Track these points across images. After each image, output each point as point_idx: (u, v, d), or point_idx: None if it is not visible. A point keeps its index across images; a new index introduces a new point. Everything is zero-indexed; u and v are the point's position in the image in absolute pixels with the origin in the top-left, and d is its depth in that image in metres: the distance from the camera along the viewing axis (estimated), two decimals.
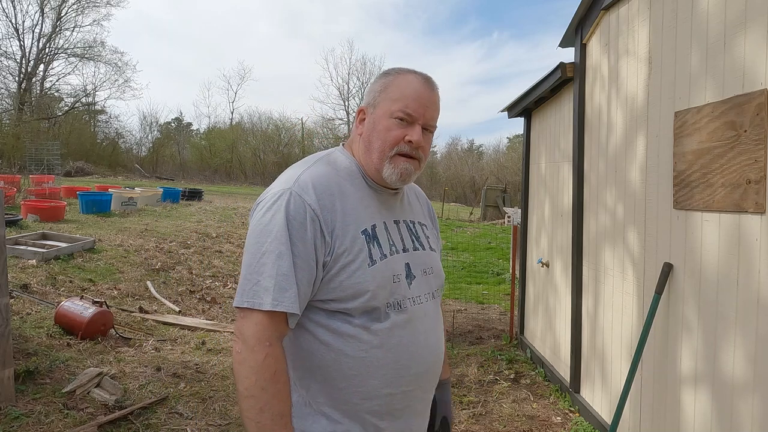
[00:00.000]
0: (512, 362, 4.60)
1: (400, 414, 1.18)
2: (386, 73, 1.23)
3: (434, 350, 1.23)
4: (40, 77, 32.65)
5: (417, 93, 1.17)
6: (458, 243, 12.72)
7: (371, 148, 1.19)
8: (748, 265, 2.00)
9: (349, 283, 1.10)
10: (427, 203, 1.46)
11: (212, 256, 8.25)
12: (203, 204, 15.58)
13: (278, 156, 40.19)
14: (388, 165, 1.17)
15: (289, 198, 1.09)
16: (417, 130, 1.17)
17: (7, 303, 3.08)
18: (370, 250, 1.13)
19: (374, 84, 1.23)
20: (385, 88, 1.20)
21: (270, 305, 1.04)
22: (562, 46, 4.01)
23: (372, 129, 1.20)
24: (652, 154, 2.72)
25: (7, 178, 13.90)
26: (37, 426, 2.90)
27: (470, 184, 36.76)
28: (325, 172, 1.17)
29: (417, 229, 1.30)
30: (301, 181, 1.13)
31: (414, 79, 1.19)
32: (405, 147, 1.17)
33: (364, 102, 1.24)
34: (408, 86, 1.18)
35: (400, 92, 1.17)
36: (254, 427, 1.04)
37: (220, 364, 4.14)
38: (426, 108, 1.18)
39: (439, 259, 1.36)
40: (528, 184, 5.08)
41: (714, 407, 2.20)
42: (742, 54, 2.04)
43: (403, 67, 1.23)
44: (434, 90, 1.21)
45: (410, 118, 1.16)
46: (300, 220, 1.08)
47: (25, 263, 5.83)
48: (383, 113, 1.18)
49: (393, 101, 1.17)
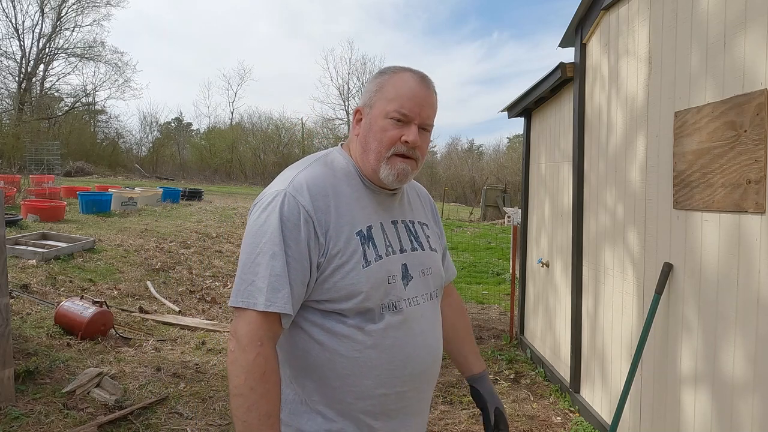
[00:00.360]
0: (512, 362, 4.60)
1: (395, 414, 1.18)
2: (382, 72, 1.22)
3: (431, 351, 1.22)
4: (40, 77, 32.66)
5: (412, 92, 1.16)
6: (458, 243, 12.72)
7: (368, 149, 1.18)
8: (748, 265, 2.00)
9: (342, 284, 1.11)
10: (430, 202, 1.45)
11: (212, 256, 8.25)
12: (203, 204, 15.58)
13: (278, 156, 40.18)
14: (385, 166, 1.16)
15: (283, 199, 1.10)
16: (413, 130, 1.16)
17: (7, 303, 3.08)
18: (365, 251, 1.13)
19: (370, 83, 1.22)
20: (380, 87, 1.19)
21: (263, 305, 1.05)
22: (562, 46, 4.01)
23: (368, 130, 1.19)
24: (652, 154, 2.72)
25: (7, 178, 13.90)
26: (37, 426, 2.90)
27: (470, 184, 36.76)
28: (321, 173, 1.18)
29: (416, 229, 1.29)
30: (296, 183, 1.13)
31: (409, 77, 1.18)
32: (402, 147, 1.16)
33: (361, 102, 1.23)
34: (403, 85, 1.16)
35: (396, 92, 1.16)
36: (241, 425, 1.05)
37: (220, 364, 4.14)
38: (422, 107, 1.16)
39: (439, 259, 1.35)
40: (528, 184, 5.08)
41: (714, 407, 2.20)
42: (742, 54, 2.04)
43: (399, 66, 1.22)
44: (430, 88, 1.20)
45: (406, 118, 1.15)
46: (294, 221, 1.09)
47: (25, 263, 5.83)
48: (379, 113, 1.17)
49: (388, 101, 1.16)
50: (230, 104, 67.87)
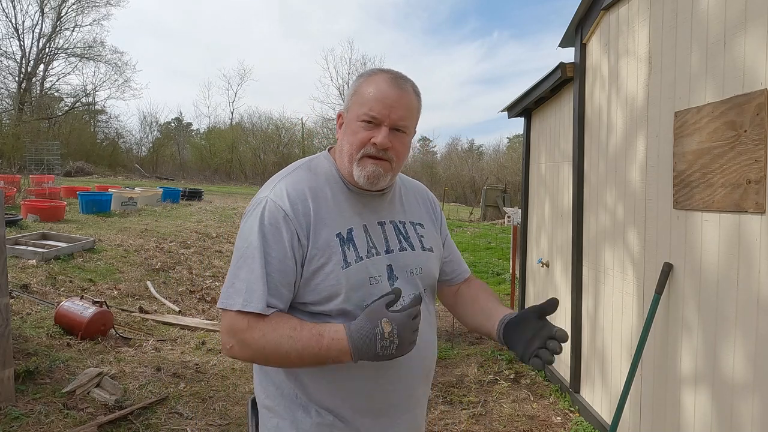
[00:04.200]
0: (512, 362, 4.60)
1: (384, 411, 1.22)
2: (360, 76, 1.25)
3: (420, 349, 1.22)
4: (40, 77, 32.66)
5: (382, 94, 1.17)
6: (458, 243, 12.72)
7: (343, 151, 1.22)
8: (748, 265, 2.00)
9: (323, 286, 1.14)
10: (431, 201, 1.46)
11: (212, 256, 8.25)
12: (203, 204, 15.58)
13: (278, 156, 40.17)
14: (356, 167, 1.19)
15: (265, 205, 1.16)
16: (383, 132, 1.16)
17: (7, 303, 3.08)
18: (345, 253, 1.16)
19: (350, 87, 1.26)
20: (355, 91, 1.22)
21: (240, 305, 1.10)
22: (562, 46, 4.01)
23: (344, 133, 1.23)
24: (652, 154, 2.72)
25: (7, 178, 13.90)
26: (37, 426, 2.90)
27: (470, 184, 36.76)
28: (303, 177, 1.22)
29: (407, 229, 1.31)
30: (278, 189, 1.19)
31: (381, 79, 1.19)
32: (371, 149, 1.17)
33: (343, 106, 1.26)
34: (374, 88, 1.18)
35: (366, 95, 1.18)
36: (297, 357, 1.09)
37: (220, 364, 4.14)
38: (392, 108, 1.16)
39: (435, 259, 1.34)
40: (528, 184, 5.08)
41: (714, 407, 2.20)
42: (742, 54, 2.04)
43: (377, 68, 1.24)
44: (402, 89, 1.19)
45: (375, 120, 1.16)
46: (275, 224, 1.14)
47: (25, 263, 5.83)
48: (353, 117, 1.20)
49: (360, 105, 1.19)
50: (230, 104, 68.02)
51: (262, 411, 1.27)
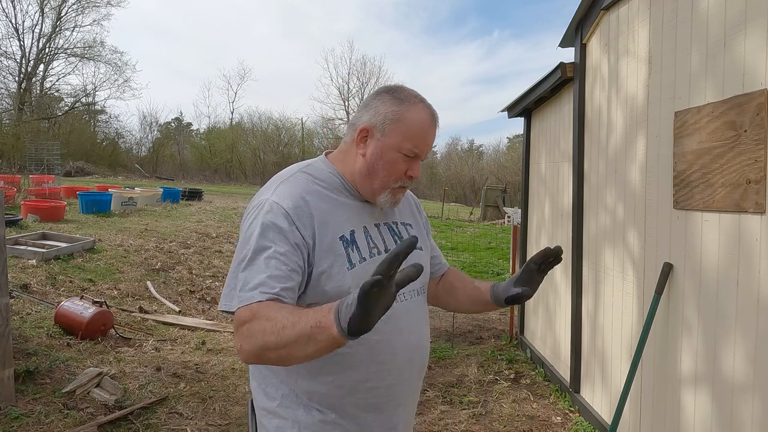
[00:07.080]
0: (512, 362, 4.60)
1: (385, 406, 1.24)
2: (399, 99, 1.21)
3: (417, 345, 1.28)
4: (40, 77, 32.65)
5: (425, 132, 1.21)
6: (458, 243, 12.71)
7: (374, 175, 1.22)
8: (748, 265, 2.01)
9: (330, 287, 1.15)
10: (414, 201, 1.49)
11: (212, 256, 8.25)
12: (203, 204, 15.58)
13: (278, 156, 40.20)
14: (388, 194, 1.24)
15: (268, 207, 1.15)
16: (419, 166, 1.24)
17: (7, 303, 3.08)
18: (349, 254, 1.18)
19: (385, 105, 1.21)
20: (397, 119, 1.19)
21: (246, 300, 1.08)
22: (562, 46, 4.01)
23: (378, 157, 1.21)
24: (652, 154, 2.72)
25: (7, 178, 13.90)
26: (37, 426, 2.90)
27: (470, 184, 36.75)
28: (304, 180, 1.22)
29: (400, 229, 1.34)
30: (279, 191, 1.18)
31: (425, 115, 1.21)
32: (407, 182, 1.24)
33: (371, 122, 1.21)
34: (420, 124, 1.20)
35: (412, 130, 1.19)
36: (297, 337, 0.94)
37: (220, 364, 4.14)
38: (428, 146, 1.24)
39: (425, 257, 1.39)
40: (528, 184, 5.08)
41: (714, 407, 2.21)
42: (742, 54, 2.04)
43: (415, 95, 1.23)
44: (437, 126, 1.26)
45: (416, 156, 1.22)
46: (278, 223, 1.13)
47: (25, 263, 5.83)
48: (393, 145, 1.20)
49: (404, 137, 1.19)
50: (230, 104, 67.83)
51: (260, 414, 1.26)
